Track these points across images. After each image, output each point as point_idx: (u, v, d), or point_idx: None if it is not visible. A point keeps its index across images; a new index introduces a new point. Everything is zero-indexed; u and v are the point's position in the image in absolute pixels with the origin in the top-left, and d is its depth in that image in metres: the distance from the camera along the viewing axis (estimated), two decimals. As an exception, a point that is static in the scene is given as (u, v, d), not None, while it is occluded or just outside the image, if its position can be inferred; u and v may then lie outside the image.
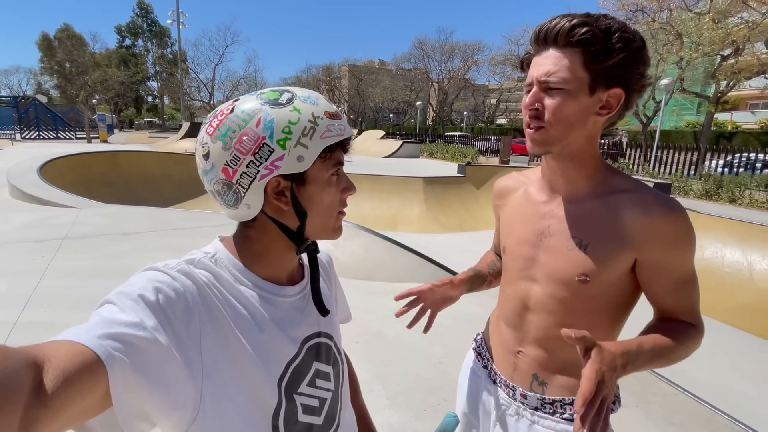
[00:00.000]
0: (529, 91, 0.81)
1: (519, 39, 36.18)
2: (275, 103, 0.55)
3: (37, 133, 23.94)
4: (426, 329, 1.03)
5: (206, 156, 0.57)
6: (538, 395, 0.91)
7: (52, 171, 8.18)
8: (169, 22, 27.19)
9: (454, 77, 46.30)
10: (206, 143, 0.57)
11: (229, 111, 0.56)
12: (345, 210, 0.65)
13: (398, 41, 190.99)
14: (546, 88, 0.78)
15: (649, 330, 0.83)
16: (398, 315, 0.99)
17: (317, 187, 0.59)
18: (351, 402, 0.81)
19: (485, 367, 1.04)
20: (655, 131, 15.83)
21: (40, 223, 4.98)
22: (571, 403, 0.88)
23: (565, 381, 0.89)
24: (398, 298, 0.98)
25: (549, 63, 0.77)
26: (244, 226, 0.62)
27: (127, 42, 49.28)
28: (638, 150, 15.25)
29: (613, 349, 0.71)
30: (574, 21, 0.74)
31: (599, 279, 0.81)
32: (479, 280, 1.12)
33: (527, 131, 0.83)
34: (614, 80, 0.77)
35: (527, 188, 0.97)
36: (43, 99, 27.42)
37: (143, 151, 12.46)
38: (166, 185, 10.05)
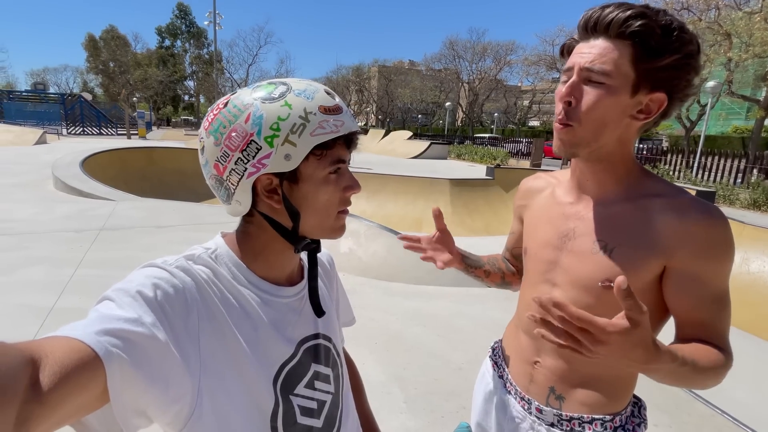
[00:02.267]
0: (566, 80, 0.75)
1: (554, 39, 35.23)
2: (267, 98, 0.53)
3: (81, 128, 25.28)
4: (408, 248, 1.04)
5: (202, 151, 0.57)
6: (555, 410, 0.85)
7: (94, 165, 8.60)
8: (206, 23, 28.11)
9: (485, 78, 45.66)
10: (202, 138, 0.57)
11: (223, 105, 0.55)
12: (348, 209, 0.62)
13: (429, 42, 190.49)
14: (587, 79, 0.72)
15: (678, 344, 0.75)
16: (399, 238, 1.06)
17: (311, 186, 0.56)
18: (356, 406, 0.79)
19: (501, 377, 0.99)
20: (699, 136, 15.07)
21: (80, 214, 5.24)
22: (591, 422, 0.82)
23: (584, 397, 0.83)
24: (401, 238, 1.05)
25: (595, 52, 0.71)
26: (245, 222, 0.61)
27: (167, 43, 51.23)
28: (680, 155, 14.56)
29: (655, 340, 0.59)
30: (631, 11, 0.68)
31: None
32: (475, 261, 1.08)
33: (555, 126, 0.77)
34: (659, 83, 0.70)
35: (554, 189, 0.92)
36: (88, 96, 28.90)
37: (178, 148, 12.90)
38: (198, 181, 10.24)
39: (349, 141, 0.58)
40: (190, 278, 0.53)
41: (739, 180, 12.21)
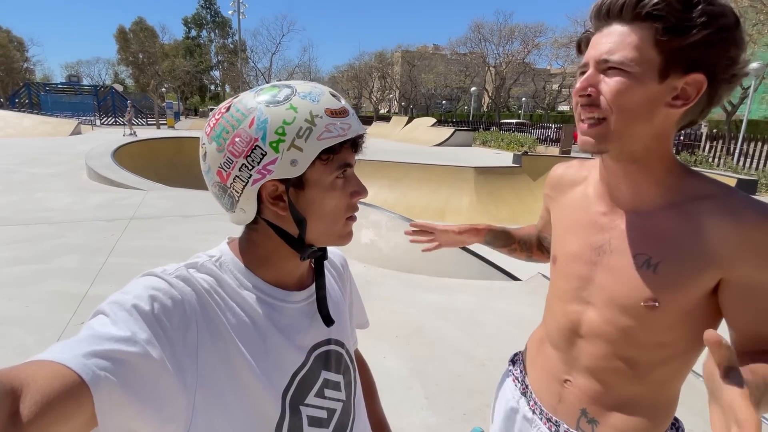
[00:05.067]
0: (583, 74, 0.68)
1: (585, 20, 33.53)
2: (271, 101, 0.51)
3: (113, 119, 26.20)
4: (425, 249, 1.15)
5: (204, 157, 0.55)
6: None
7: (124, 155, 8.87)
8: (230, 12, 28.24)
9: (512, 61, 44.22)
10: (204, 144, 0.55)
11: (225, 110, 0.53)
12: (356, 215, 0.60)
13: (454, 25, 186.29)
14: (605, 69, 0.65)
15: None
16: (406, 233, 1.14)
17: (318, 192, 0.54)
18: (367, 409, 0.77)
19: (524, 394, 0.93)
20: (741, 121, 14.21)
21: (112, 203, 5.42)
22: None
23: (620, 421, 0.76)
24: (412, 225, 1.12)
25: (611, 40, 0.64)
26: (249, 229, 0.59)
27: (193, 33, 52.10)
28: (720, 141, 13.78)
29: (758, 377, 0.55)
30: None
31: (671, 305, 0.67)
32: (504, 239, 1.12)
33: (579, 124, 0.69)
34: (694, 64, 0.61)
35: (587, 188, 0.82)
36: (120, 88, 29.93)
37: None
38: (224, 170, 10.57)
39: (355, 144, 0.56)
40: (190, 288, 0.51)
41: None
